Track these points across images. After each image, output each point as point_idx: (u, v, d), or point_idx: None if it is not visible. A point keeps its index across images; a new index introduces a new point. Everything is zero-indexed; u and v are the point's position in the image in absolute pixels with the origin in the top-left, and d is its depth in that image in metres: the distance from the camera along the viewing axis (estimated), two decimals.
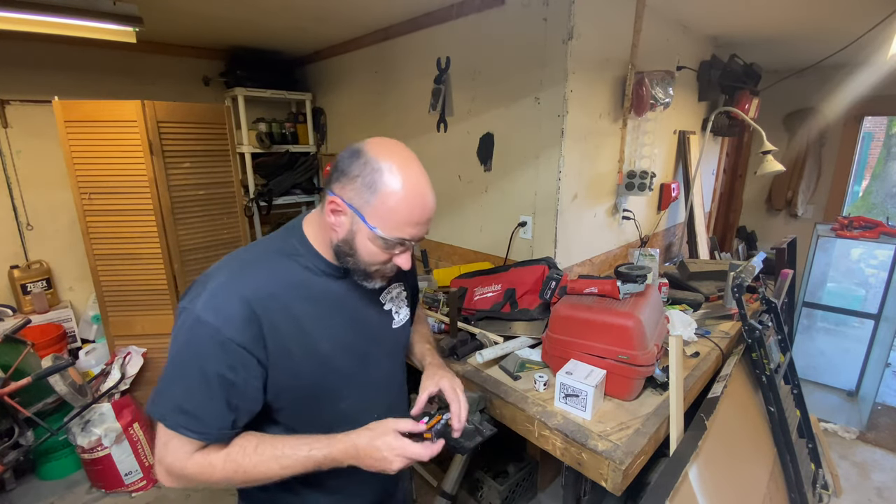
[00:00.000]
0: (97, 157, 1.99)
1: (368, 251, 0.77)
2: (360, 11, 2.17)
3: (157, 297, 2.16)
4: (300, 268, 0.80)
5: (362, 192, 0.72)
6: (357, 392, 0.87)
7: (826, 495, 1.85)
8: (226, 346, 0.69)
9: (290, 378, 0.77)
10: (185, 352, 0.71)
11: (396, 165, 0.72)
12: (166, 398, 0.71)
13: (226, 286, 0.73)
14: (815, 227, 2.87)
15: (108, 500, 2.11)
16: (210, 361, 0.69)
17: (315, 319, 0.79)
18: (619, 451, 1.03)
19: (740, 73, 2.60)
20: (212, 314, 0.69)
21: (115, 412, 2.04)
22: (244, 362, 0.71)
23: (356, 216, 0.74)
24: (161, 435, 0.72)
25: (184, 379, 0.71)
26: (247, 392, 0.73)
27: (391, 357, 0.96)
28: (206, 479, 0.72)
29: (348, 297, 0.85)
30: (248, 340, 0.71)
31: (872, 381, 2.65)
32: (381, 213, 0.73)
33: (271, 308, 0.73)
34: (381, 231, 0.73)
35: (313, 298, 0.79)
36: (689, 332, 1.58)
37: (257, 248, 0.82)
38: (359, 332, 0.86)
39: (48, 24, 1.53)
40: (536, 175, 1.86)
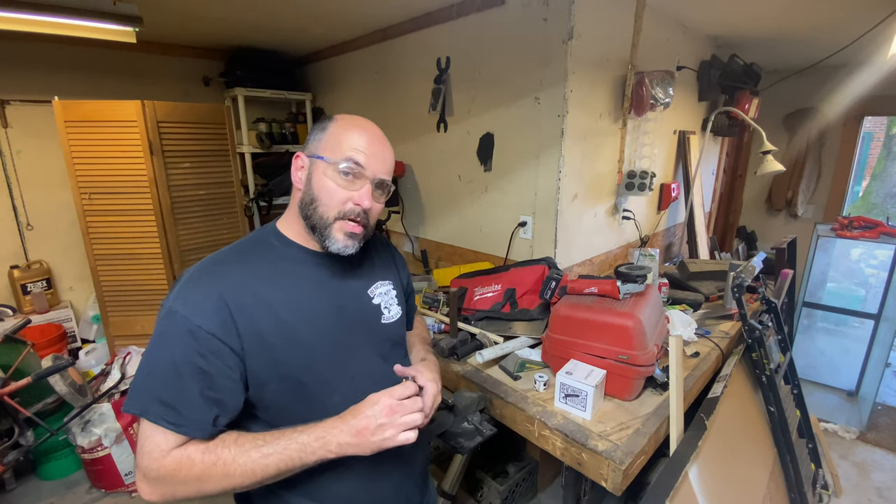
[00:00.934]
0: (97, 157, 1.99)
1: (326, 189, 0.78)
2: (360, 11, 2.17)
3: (157, 297, 2.16)
4: (274, 257, 0.81)
5: (315, 137, 0.81)
6: (347, 385, 0.83)
7: (826, 495, 1.85)
8: (195, 334, 0.69)
9: (271, 368, 0.75)
10: (158, 343, 0.71)
11: (347, 116, 0.83)
12: (144, 392, 0.70)
13: (195, 278, 0.75)
14: (815, 227, 2.87)
15: (108, 500, 2.11)
16: (181, 350, 0.69)
17: (293, 306, 0.78)
18: (619, 451, 1.03)
19: (740, 73, 2.59)
20: (181, 304, 0.71)
21: (115, 412, 2.04)
22: (215, 350, 0.70)
23: (312, 159, 0.80)
24: (140, 438, 0.70)
25: (159, 370, 0.70)
26: (223, 383, 0.71)
27: (382, 352, 0.91)
28: (184, 476, 0.69)
29: (330, 284, 0.84)
30: (218, 327, 0.70)
31: (872, 381, 2.65)
32: (330, 143, 0.79)
33: (242, 296, 0.73)
34: (328, 157, 0.78)
35: (290, 286, 0.79)
36: (689, 332, 1.58)
37: (230, 246, 0.83)
38: (343, 321, 0.84)
39: (48, 24, 1.53)
40: (536, 175, 1.86)
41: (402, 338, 1.01)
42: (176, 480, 0.69)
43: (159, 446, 0.69)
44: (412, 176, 2.54)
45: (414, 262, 2.60)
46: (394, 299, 0.96)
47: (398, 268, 1.05)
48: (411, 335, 1.09)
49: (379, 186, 0.82)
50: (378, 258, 0.98)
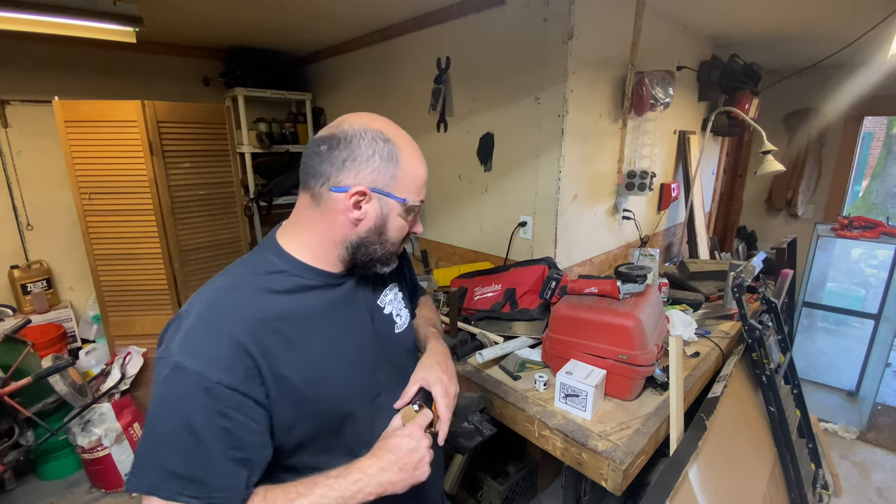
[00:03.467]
0: (97, 157, 1.99)
1: (398, 227, 0.73)
2: (360, 11, 2.17)
3: (157, 297, 2.16)
4: (286, 284, 0.70)
5: (385, 169, 0.69)
6: (369, 408, 0.77)
7: (826, 495, 1.85)
8: (213, 392, 0.59)
9: (298, 410, 0.67)
10: (164, 407, 0.60)
11: (393, 130, 0.72)
12: (152, 466, 0.59)
13: (203, 322, 0.63)
14: (815, 227, 2.87)
15: (108, 500, 2.11)
16: (197, 412, 0.58)
17: (311, 337, 0.69)
18: (620, 451, 1.03)
19: (740, 73, 2.59)
20: (190, 357, 0.59)
21: (115, 412, 2.04)
22: (237, 406, 0.61)
23: (383, 197, 0.70)
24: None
25: (170, 439, 0.59)
26: (250, 440, 0.62)
27: (399, 365, 0.85)
28: None
29: (343, 305, 0.76)
30: (240, 380, 0.61)
31: (872, 381, 2.65)
32: (407, 181, 0.71)
33: (260, 336, 0.63)
34: (410, 199, 0.72)
35: (305, 315, 0.70)
36: (689, 332, 1.58)
37: (230, 274, 0.71)
38: (360, 342, 0.77)
39: (48, 24, 1.53)
40: (536, 175, 1.86)
41: (413, 343, 0.95)
42: None
43: None
44: None
45: (414, 261, 2.60)
46: (402, 303, 0.90)
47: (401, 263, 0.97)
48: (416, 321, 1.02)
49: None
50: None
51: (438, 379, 0.83)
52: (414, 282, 1.08)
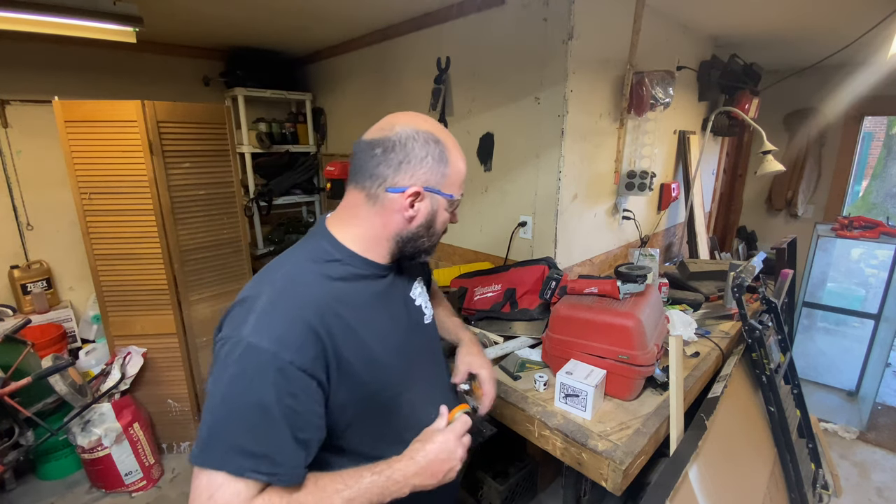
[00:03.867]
0: (97, 157, 1.99)
1: (444, 221, 0.81)
2: (360, 11, 2.17)
3: (157, 297, 2.16)
4: (340, 272, 0.74)
5: (436, 168, 0.75)
6: (412, 392, 0.82)
7: (826, 495, 1.85)
8: (286, 372, 0.62)
9: (353, 392, 0.71)
10: (237, 385, 0.61)
11: (440, 130, 0.77)
12: (222, 442, 0.61)
13: (276, 305, 0.66)
14: (815, 227, 2.86)
15: (108, 500, 2.11)
16: (270, 391, 0.61)
17: (365, 323, 0.74)
18: (619, 451, 1.03)
19: (740, 73, 2.59)
20: (265, 338, 0.62)
21: (115, 412, 2.04)
22: (306, 388, 0.64)
23: (435, 195, 0.76)
24: (203, 489, 0.60)
25: (241, 417, 0.61)
26: (311, 422, 0.66)
27: (431, 353, 0.92)
28: None
29: (386, 296, 0.81)
30: (309, 362, 0.64)
31: (872, 381, 2.65)
32: (454, 178, 0.77)
33: (328, 320, 0.67)
34: (456, 195, 0.79)
35: (359, 302, 0.74)
36: (689, 332, 1.58)
37: (291, 261, 0.75)
38: (401, 330, 0.83)
39: (48, 24, 1.53)
40: (536, 175, 1.86)
41: (438, 336, 1.01)
42: None
43: (241, 495, 0.60)
44: None
45: None
46: (426, 296, 0.95)
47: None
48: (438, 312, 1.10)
49: None
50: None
51: (483, 363, 1.00)
52: (429, 273, 1.13)
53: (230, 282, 2.40)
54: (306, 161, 3.34)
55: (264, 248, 3.15)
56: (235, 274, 2.42)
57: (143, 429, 2.15)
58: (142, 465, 2.13)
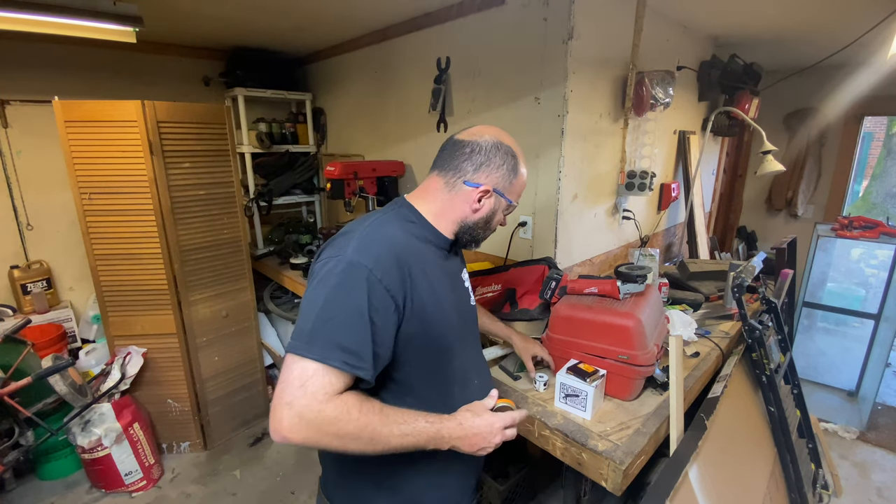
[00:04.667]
0: (97, 157, 1.99)
1: (499, 220, 0.97)
2: (360, 11, 2.17)
3: (157, 297, 2.16)
4: (418, 234, 0.89)
5: (507, 177, 0.92)
6: (463, 353, 0.95)
7: (826, 495, 1.85)
8: (375, 288, 0.75)
9: (420, 326, 0.82)
10: (339, 291, 0.74)
11: (516, 146, 0.93)
12: (322, 337, 0.72)
13: (373, 235, 0.81)
14: (815, 227, 2.86)
15: (108, 500, 2.11)
16: (364, 300, 0.74)
17: (437, 275, 0.88)
18: (619, 451, 1.03)
19: (740, 73, 2.59)
20: (365, 256, 0.76)
21: (115, 412, 2.04)
22: (386, 305, 0.76)
23: (500, 197, 0.93)
24: (297, 376, 0.70)
25: (340, 317, 0.73)
26: (384, 338, 0.77)
27: (472, 331, 1.04)
28: (342, 427, 0.70)
29: (446, 266, 0.95)
30: (393, 284, 0.77)
31: (872, 381, 2.65)
32: (517, 188, 0.95)
33: (409, 258, 0.81)
34: (515, 201, 0.95)
35: (429, 259, 0.89)
36: (689, 332, 1.58)
37: (377, 216, 0.89)
38: (458, 297, 0.96)
39: (48, 24, 1.53)
40: (536, 175, 1.86)
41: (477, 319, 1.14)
42: (332, 431, 0.70)
43: (325, 388, 0.70)
44: (412, 176, 2.54)
45: None
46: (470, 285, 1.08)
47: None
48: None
49: None
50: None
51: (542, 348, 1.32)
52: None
53: (230, 282, 2.40)
54: (306, 161, 3.34)
55: (264, 248, 3.14)
56: (235, 274, 2.42)
57: (143, 429, 2.15)
58: (142, 465, 2.13)
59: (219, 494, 2.14)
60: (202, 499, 2.12)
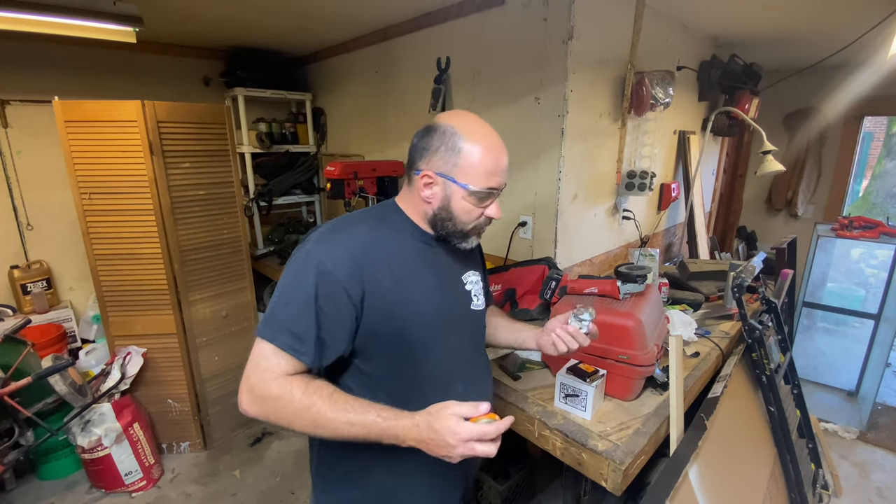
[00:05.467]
0: (97, 157, 1.99)
1: (464, 209, 0.87)
2: (360, 11, 2.17)
3: (157, 297, 2.16)
4: (395, 228, 0.90)
5: (448, 158, 0.84)
6: (440, 354, 0.91)
7: (826, 495, 1.85)
8: (326, 277, 0.77)
9: (384, 318, 0.82)
10: (295, 280, 0.79)
11: (467, 126, 0.84)
12: (275, 321, 0.78)
13: (333, 231, 0.85)
14: (815, 227, 2.86)
15: (108, 500, 2.11)
16: (314, 288, 0.77)
17: (409, 271, 0.86)
18: (619, 451, 1.03)
19: (740, 73, 2.59)
20: (320, 248, 0.80)
21: (115, 412, 2.04)
22: (335, 294, 0.78)
23: (447, 181, 0.85)
24: (256, 354, 0.78)
25: (292, 303, 0.78)
26: (333, 329, 0.79)
27: (466, 335, 0.99)
28: (282, 406, 0.75)
29: (437, 262, 0.93)
30: (345, 277, 0.78)
31: (872, 381, 2.65)
32: (468, 170, 0.84)
33: (369, 252, 0.82)
34: (473, 186, 0.84)
35: (408, 255, 0.88)
36: (689, 332, 1.58)
37: (358, 211, 0.94)
38: (445, 296, 0.93)
39: (48, 24, 1.53)
40: (536, 175, 1.86)
41: (484, 326, 1.09)
42: (275, 407, 0.76)
43: (274, 368, 0.76)
44: None
45: None
46: (480, 290, 1.04)
47: (483, 261, 1.16)
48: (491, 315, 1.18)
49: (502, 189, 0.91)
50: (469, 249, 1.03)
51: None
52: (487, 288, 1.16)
53: (230, 282, 2.40)
54: (306, 161, 3.34)
55: (264, 248, 3.15)
56: (235, 274, 2.42)
57: (143, 429, 2.15)
58: (142, 465, 2.13)
59: (219, 494, 2.14)
60: (202, 499, 2.12)
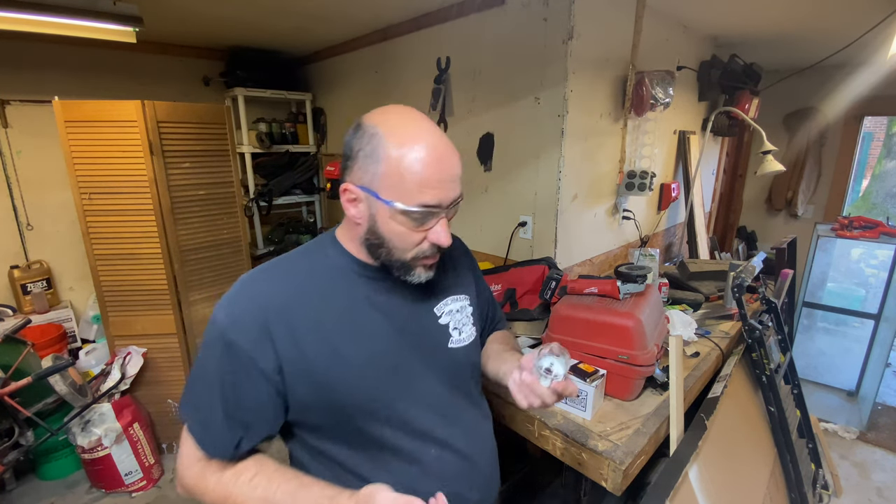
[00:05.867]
0: (97, 157, 1.99)
1: (395, 233, 0.66)
2: (360, 11, 2.17)
3: (157, 297, 2.16)
4: (328, 268, 0.72)
5: (367, 167, 0.64)
6: (401, 415, 0.73)
7: (826, 495, 1.85)
8: (230, 348, 0.65)
9: (316, 391, 0.68)
10: (203, 351, 0.68)
11: (395, 124, 0.65)
12: (189, 397, 0.70)
13: (244, 286, 0.70)
14: (815, 227, 2.87)
15: (108, 500, 2.11)
16: (216, 362, 0.66)
17: (344, 324, 0.69)
18: (619, 451, 1.03)
19: (740, 73, 2.59)
20: (223, 313, 0.67)
21: (115, 412, 2.04)
22: (245, 369, 0.65)
23: (370, 197, 0.65)
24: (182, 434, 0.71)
25: (202, 379, 0.69)
26: (250, 405, 0.66)
27: (442, 381, 0.78)
28: (199, 496, 0.68)
29: (387, 300, 0.74)
30: (253, 346, 0.64)
31: (872, 381, 2.65)
32: (393, 181, 0.62)
33: (285, 310, 0.67)
34: (400, 203, 0.63)
35: (341, 302, 0.70)
36: (689, 332, 1.58)
37: (288, 253, 0.77)
38: (401, 342, 0.73)
39: (48, 24, 1.53)
40: (536, 175, 1.86)
41: (474, 365, 0.87)
42: (193, 493, 0.70)
43: (188, 455, 0.69)
44: None
45: None
46: (468, 318, 0.84)
47: (473, 270, 0.93)
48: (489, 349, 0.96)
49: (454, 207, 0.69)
50: (452, 267, 0.85)
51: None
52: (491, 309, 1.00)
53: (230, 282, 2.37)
54: (306, 161, 3.34)
55: (264, 248, 3.15)
56: (235, 274, 2.42)
57: (143, 429, 2.15)
58: (142, 465, 2.13)
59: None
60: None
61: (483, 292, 0.97)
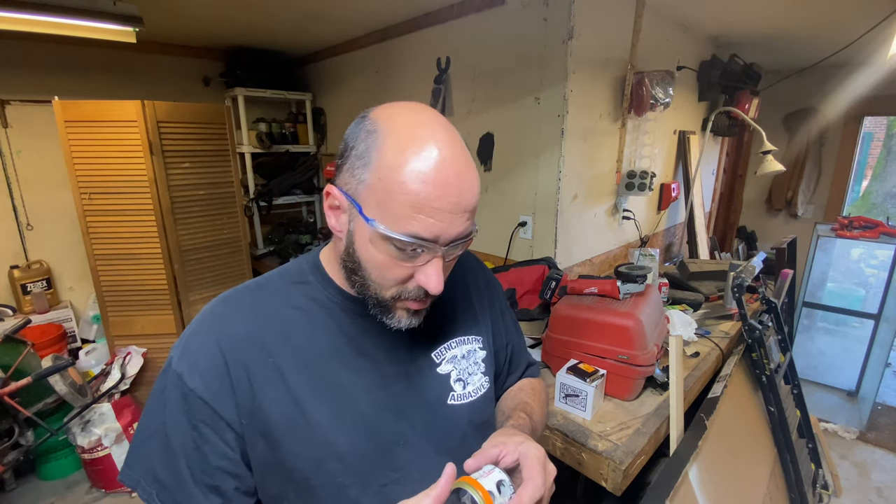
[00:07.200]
0: (97, 157, 1.99)
1: (373, 261, 0.52)
2: (360, 11, 2.17)
3: (157, 297, 2.16)
4: (307, 300, 0.59)
5: (356, 169, 0.50)
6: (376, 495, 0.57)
7: (826, 495, 1.85)
8: (188, 399, 0.53)
9: (272, 457, 0.54)
10: (154, 401, 0.55)
11: (398, 123, 0.49)
12: (139, 459, 0.55)
13: (202, 325, 0.57)
14: (815, 227, 2.87)
15: (108, 500, 2.11)
16: (173, 416, 0.53)
17: (313, 375, 0.56)
18: (619, 451, 1.03)
19: (740, 73, 2.59)
20: (178, 357, 0.55)
21: (115, 412, 2.04)
22: (211, 421, 0.53)
23: (353, 208, 0.51)
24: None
25: (155, 436, 0.54)
26: (221, 465, 0.53)
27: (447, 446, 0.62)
28: None
29: (378, 345, 0.59)
30: (213, 394, 0.53)
31: (872, 381, 2.65)
32: (379, 196, 0.48)
33: (249, 356, 0.54)
34: (382, 224, 0.48)
35: (319, 343, 0.57)
36: (689, 332, 1.58)
37: (260, 277, 0.63)
38: (385, 397, 0.59)
39: (48, 24, 1.53)
40: (536, 175, 1.86)
41: (481, 425, 0.67)
42: None
43: None
44: None
45: None
46: (477, 365, 0.67)
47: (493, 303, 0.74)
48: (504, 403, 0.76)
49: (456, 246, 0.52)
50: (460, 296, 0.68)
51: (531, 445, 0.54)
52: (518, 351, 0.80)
53: (230, 282, 2.40)
54: (306, 161, 3.34)
55: (264, 248, 3.15)
56: (235, 274, 2.42)
57: None
58: None
59: None
60: None
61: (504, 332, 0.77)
